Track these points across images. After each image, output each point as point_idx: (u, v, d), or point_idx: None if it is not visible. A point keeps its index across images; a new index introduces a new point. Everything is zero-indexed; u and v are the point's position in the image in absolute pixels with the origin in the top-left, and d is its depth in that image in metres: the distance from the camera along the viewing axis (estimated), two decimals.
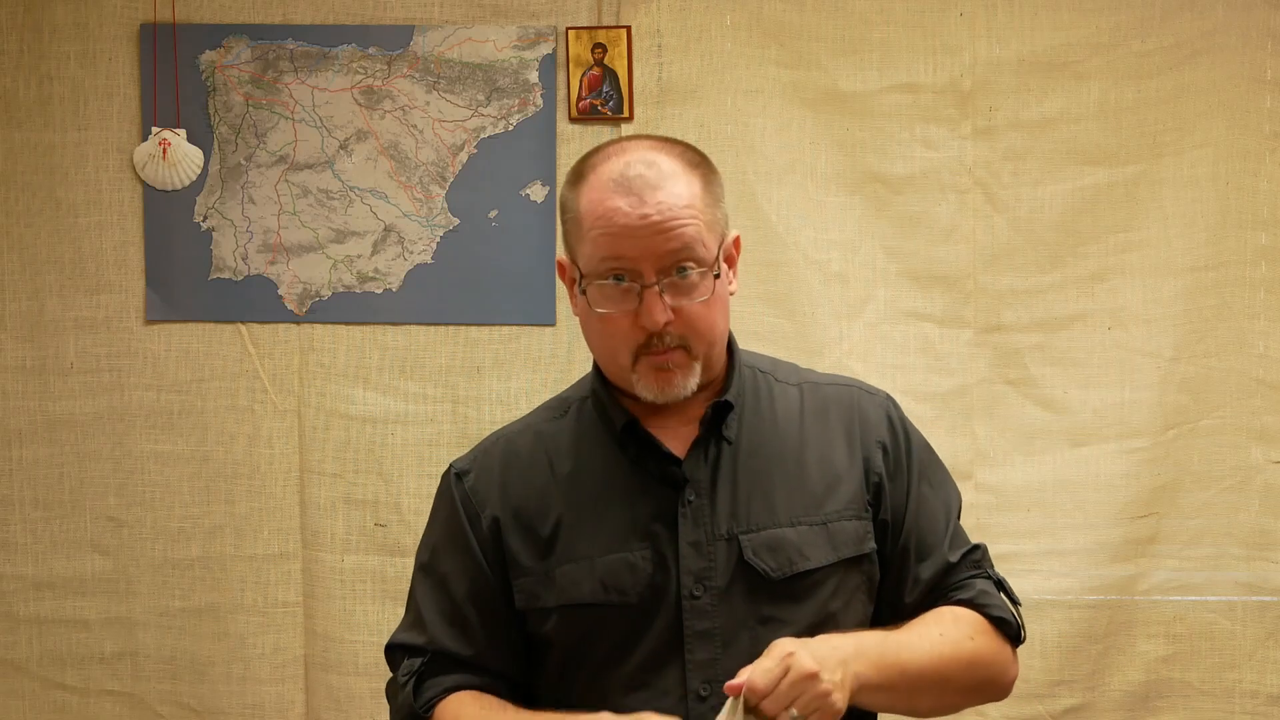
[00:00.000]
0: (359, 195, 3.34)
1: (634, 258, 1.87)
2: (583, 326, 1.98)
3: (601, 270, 1.89)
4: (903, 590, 2.00)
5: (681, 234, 1.87)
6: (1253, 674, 3.29)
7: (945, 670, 1.91)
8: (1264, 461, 3.27)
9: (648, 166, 1.88)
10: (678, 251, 1.87)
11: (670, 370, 1.91)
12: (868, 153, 3.30)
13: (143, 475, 3.38)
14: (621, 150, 1.92)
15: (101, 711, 3.40)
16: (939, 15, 3.27)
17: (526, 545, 1.97)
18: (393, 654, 2.04)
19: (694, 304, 1.89)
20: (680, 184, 1.88)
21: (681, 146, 1.95)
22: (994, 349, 3.30)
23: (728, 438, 1.97)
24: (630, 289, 1.88)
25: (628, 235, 1.86)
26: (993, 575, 2.05)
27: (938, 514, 2.03)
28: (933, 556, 2.01)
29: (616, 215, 1.86)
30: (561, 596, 1.94)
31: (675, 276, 1.87)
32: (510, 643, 1.99)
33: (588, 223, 1.89)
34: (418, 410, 3.36)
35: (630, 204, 1.86)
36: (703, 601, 1.92)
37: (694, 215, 1.88)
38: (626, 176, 1.88)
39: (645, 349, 1.90)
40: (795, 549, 1.93)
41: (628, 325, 1.89)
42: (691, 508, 1.94)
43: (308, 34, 3.33)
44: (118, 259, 3.36)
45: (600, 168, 1.91)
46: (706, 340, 1.92)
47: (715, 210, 1.92)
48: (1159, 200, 3.26)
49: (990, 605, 2.00)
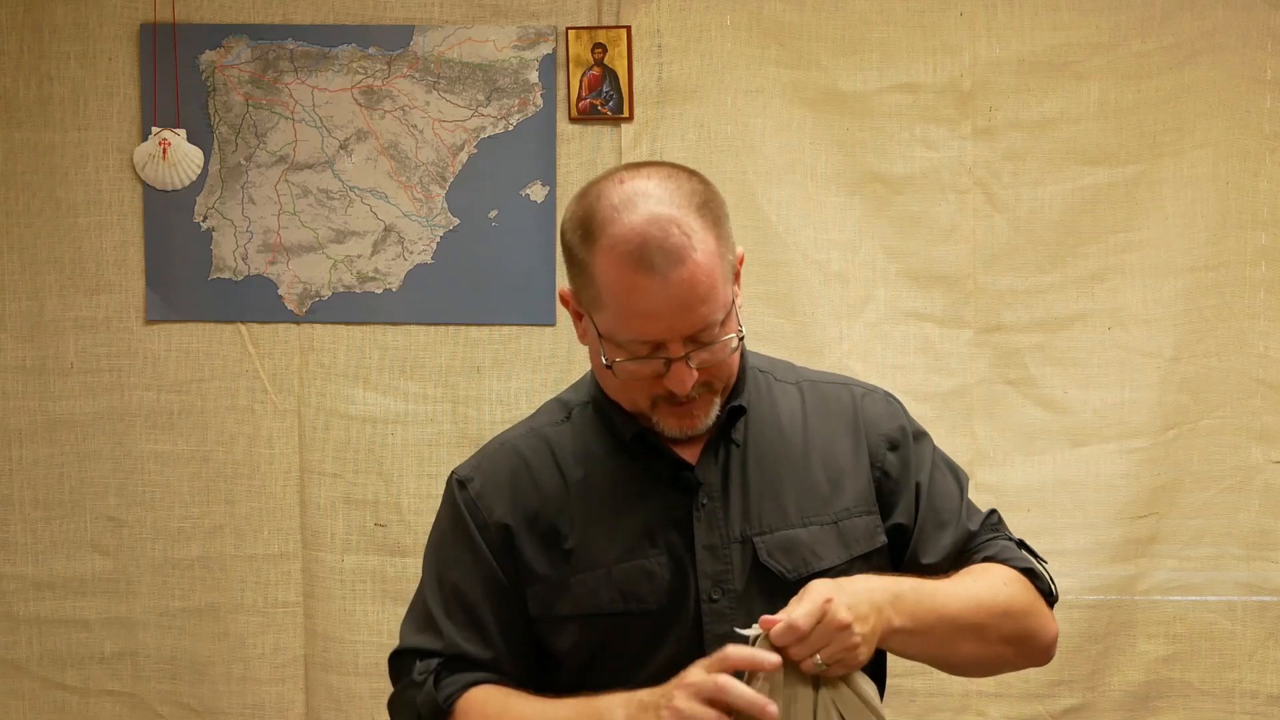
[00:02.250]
0: (359, 195, 3.34)
1: (660, 335, 1.83)
2: (591, 356, 1.94)
3: (628, 347, 1.85)
4: (923, 557, 2.00)
5: (706, 305, 1.82)
6: (1253, 674, 3.29)
7: (981, 616, 1.91)
8: (1264, 461, 3.27)
9: (665, 235, 1.80)
10: (702, 322, 1.83)
11: (694, 415, 1.90)
12: (868, 153, 3.30)
13: (143, 475, 3.38)
14: (631, 205, 1.82)
15: (101, 711, 3.40)
16: (939, 15, 3.27)
17: (540, 552, 1.95)
18: (402, 659, 2.01)
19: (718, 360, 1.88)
20: (699, 246, 1.81)
21: (689, 187, 1.85)
22: (994, 349, 3.30)
23: (736, 440, 1.97)
24: (656, 359, 1.85)
25: (654, 317, 1.82)
26: (1012, 538, 2.06)
27: (950, 492, 2.04)
28: (952, 526, 2.02)
29: (638, 295, 1.81)
30: (580, 606, 1.93)
31: (700, 341, 1.85)
32: (525, 645, 1.98)
33: (607, 294, 1.83)
34: (418, 410, 3.36)
35: (654, 284, 1.80)
36: (721, 605, 1.91)
37: (714, 278, 1.82)
38: (646, 251, 1.80)
39: (666, 399, 1.89)
40: (808, 549, 1.94)
41: (650, 383, 1.88)
42: (705, 511, 1.94)
43: (308, 34, 3.33)
44: (118, 259, 3.36)
45: (612, 229, 1.82)
46: (726, 377, 1.92)
47: (728, 251, 1.87)
48: (1159, 200, 3.26)
49: (1015, 559, 2.01)
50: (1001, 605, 1.93)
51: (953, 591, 1.90)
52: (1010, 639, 1.95)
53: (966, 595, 1.91)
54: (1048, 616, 2.01)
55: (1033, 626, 1.98)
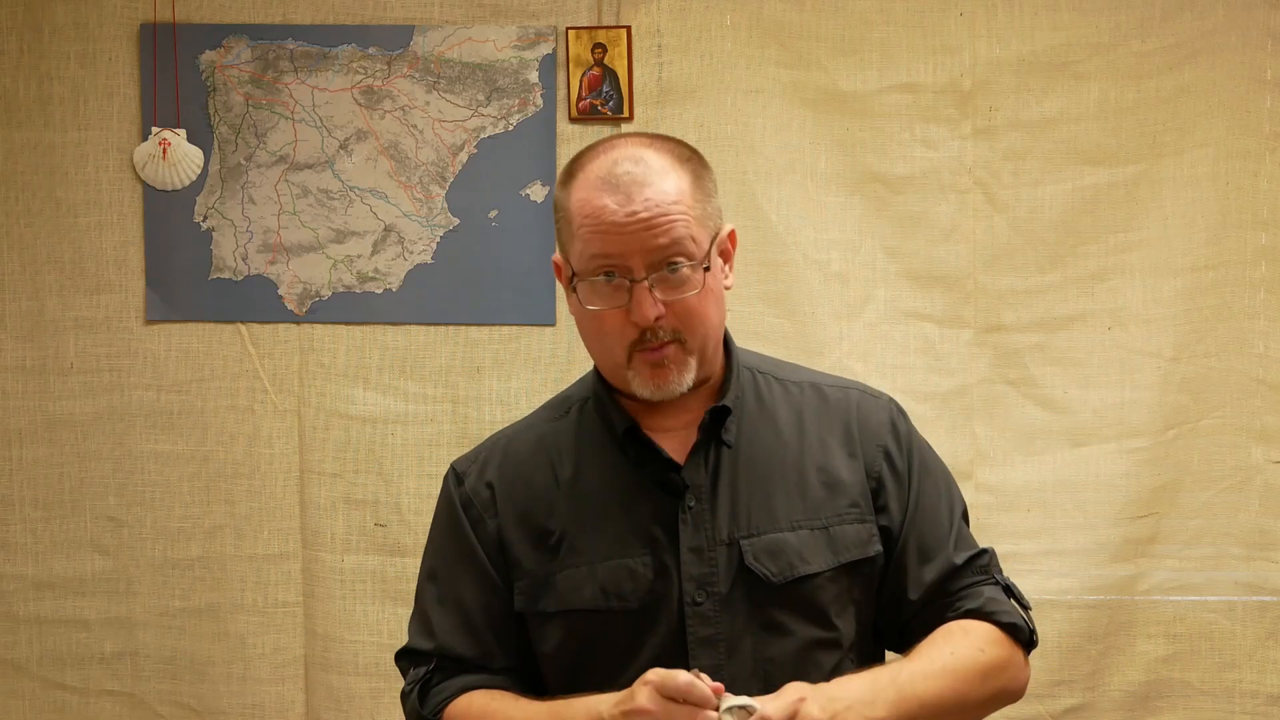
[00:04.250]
0: (359, 195, 3.34)
1: (622, 255, 1.86)
2: (578, 325, 1.97)
3: (591, 268, 1.88)
4: (906, 590, 1.99)
5: (670, 230, 1.86)
6: (1253, 674, 3.29)
7: (961, 690, 1.90)
8: (1264, 461, 3.27)
9: (635, 163, 1.88)
10: (666, 247, 1.86)
11: (665, 366, 1.90)
12: (868, 153, 3.30)
13: (143, 475, 3.38)
14: (610, 147, 1.93)
15: (101, 711, 3.40)
16: (939, 15, 3.27)
17: (528, 547, 1.96)
18: (401, 660, 2.04)
19: (685, 298, 1.88)
20: (669, 180, 1.88)
21: (672, 142, 1.95)
22: (994, 349, 3.30)
23: (727, 442, 1.96)
24: (620, 285, 1.87)
25: (616, 233, 1.86)
26: (1001, 580, 2.03)
27: (940, 516, 2.01)
28: (937, 558, 1.99)
29: (604, 213, 1.87)
30: (563, 602, 1.94)
31: (665, 272, 1.87)
32: (517, 641, 1.99)
33: (577, 221, 1.89)
34: (418, 410, 3.36)
35: (618, 201, 1.86)
36: (705, 608, 1.91)
37: (683, 211, 1.88)
38: (614, 174, 1.88)
39: (639, 345, 1.89)
40: (796, 553, 1.93)
41: (620, 322, 1.89)
42: (692, 513, 1.93)
43: (308, 34, 3.33)
44: (118, 259, 3.36)
45: (589, 166, 1.91)
46: (700, 333, 1.91)
47: (706, 205, 1.92)
48: (1159, 200, 3.26)
49: (999, 612, 1.99)
50: (980, 671, 1.92)
51: (931, 672, 1.89)
52: (987, 700, 1.96)
53: (945, 672, 1.89)
54: (1022, 666, 2.01)
55: (1006, 683, 1.98)
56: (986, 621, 1.97)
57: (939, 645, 1.93)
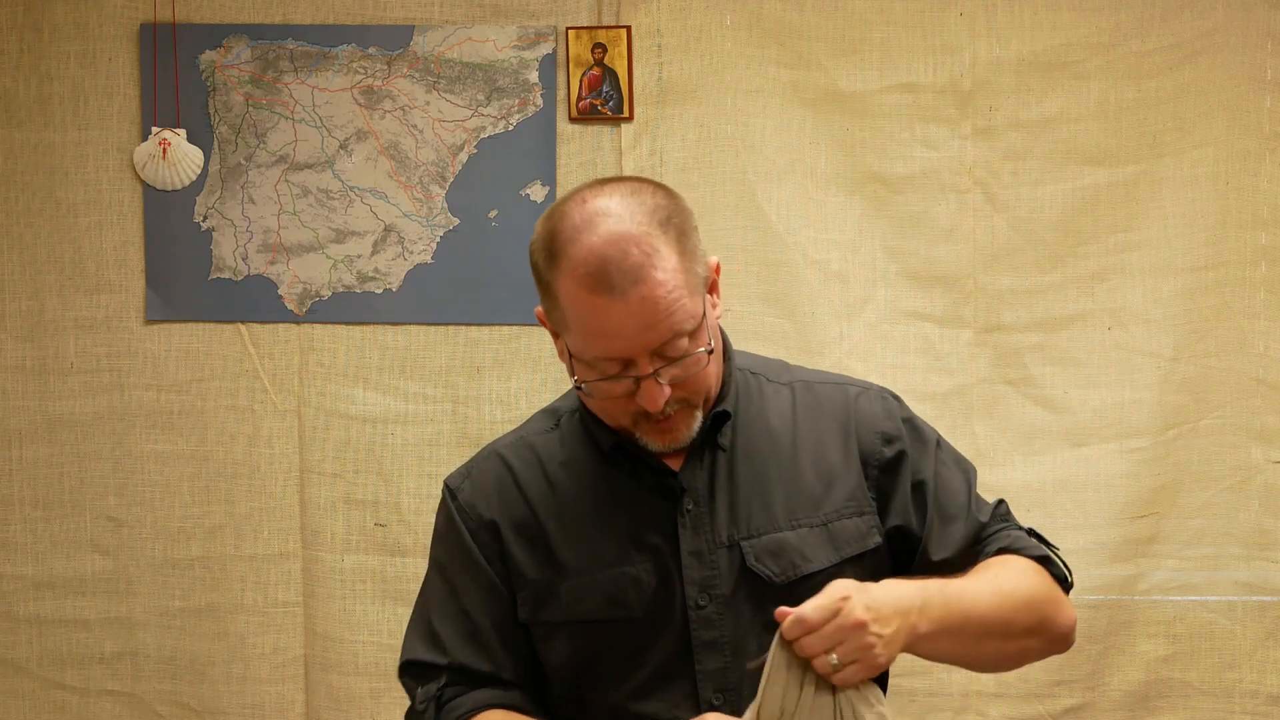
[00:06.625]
0: (359, 195, 3.34)
1: (625, 353, 1.82)
2: (570, 373, 1.93)
3: (596, 366, 1.85)
4: (933, 555, 1.97)
5: (670, 318, 1.81)
6: (1253, 674, 3.29)
7: (1006, 611, 1.88)
8: (1264, 461, 3.27)
9: (624, 255, 1.79)
10: (668, 336, 1.82)
11: (674, 428, 1.89)
12: (868, 153, 3.30)
13: (143, 475, 3.38)
14: (591, 225, 1.81)
15: (101, 711, 3.40)
16: (939, 15, 3.27)
17: (528, 558, 1.95)
18: (405, 677, 2.01)
19: (691, 375, 1.86)
20: (659, 263, 1.80)
21: (651, 203, 1.84)
22: (994, 349, 3.30)
23: (722, 445, 1.96)
24: (626, 377, 1.85)
25: (617, 336, 1.81)
26: (1021, 526, 2.04)
27: (958, 484, 2.01)
28: (961, 520, 1.99)
29: (599, 313, 1.80)
30: (568, 613, 1.93)
31: (669, 361, 1.83)
32: (525, 649, 1.98)
33: (571, 316, 1.83)
34: (418, 410, 3.36)
35: (614, 304, 1.79)
36: (708, 611, 1.91)
37: (678, 294, 1.81)
38: (605, 271, 1.79)
39: (645, 417, 1.88)
40: (797, 552, 1.92)
41: (625, 401, 1.87)
42: (690, 517, 1.93)
43: (308, 34, 3.33)
44: (118, 259, 3.36)
45: (572, 250, 1.81)
46: (704, 390, 1.90)
47: (694, 266, 1.85)
48: (1159, 200, 3.26)
49: (1028, 548, 1.99)
50: (1024, 597, 1.91)
51: (978, 590, 1.87)
52: (1033, 630, 1.93)
53: (991, 592, 1.88)
54: (1065, 603, 1.99)
55: (1053, 614, 1.96)
56: (1019, 556, 1.97)
57: (981, 572, 1.92)
